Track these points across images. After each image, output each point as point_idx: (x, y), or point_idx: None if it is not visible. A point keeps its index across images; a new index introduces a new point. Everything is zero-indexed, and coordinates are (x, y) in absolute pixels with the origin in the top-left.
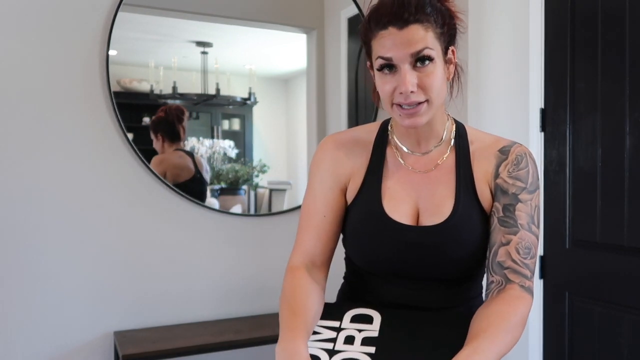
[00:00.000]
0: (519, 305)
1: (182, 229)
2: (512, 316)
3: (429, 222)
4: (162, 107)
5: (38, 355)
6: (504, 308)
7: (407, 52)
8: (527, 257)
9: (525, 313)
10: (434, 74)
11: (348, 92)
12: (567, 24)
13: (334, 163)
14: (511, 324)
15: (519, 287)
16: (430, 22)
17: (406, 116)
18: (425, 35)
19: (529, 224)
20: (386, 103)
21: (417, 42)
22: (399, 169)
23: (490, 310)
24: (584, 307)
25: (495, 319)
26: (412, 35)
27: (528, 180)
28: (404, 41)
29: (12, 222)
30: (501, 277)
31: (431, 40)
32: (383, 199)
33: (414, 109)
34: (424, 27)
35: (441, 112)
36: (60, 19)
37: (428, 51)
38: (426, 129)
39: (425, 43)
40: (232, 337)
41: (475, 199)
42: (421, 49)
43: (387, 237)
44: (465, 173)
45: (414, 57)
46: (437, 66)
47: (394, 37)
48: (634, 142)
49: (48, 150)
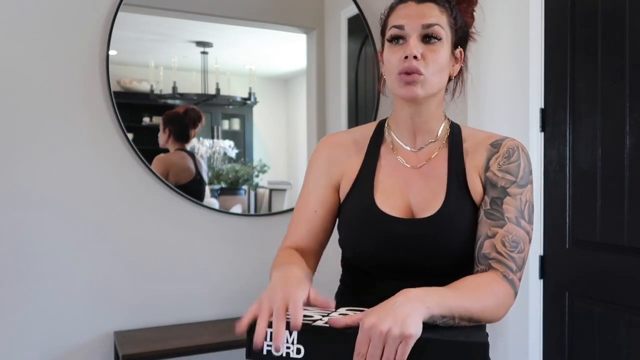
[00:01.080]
0: (494, 284)
1: (182, 229)
2: (484, 284)
3: (420, 216)
4: (183, 106)
5: (38, 355)
6: (475, 277)
7: (419, 22)
8: (514, 250)
9: (500, 296)
10: (439, 52)
11: (348, 92)
12: (567, 24)
13: (328, 162)
14: (480, 288)
15: (501, 275)
16: (446, 9)
17: (405, 84)
18: (440, 15)
19: (518, 218)
20: (390, 74)
21: (431, 17)
22: (393, 165)
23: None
24: (584, 307)
25: (461, 280)
26: (427, 10)
27: (519, 174)
28: (418, 13)
29: (12, 222)
30: (485, 266)
31: (444, 22)
32: (375, 193)
33: (412, 76)
34: (440, 9)
35: (438, 107)
36: (60, 19)
37: (438, 29)
38: (422, 120)
39: (437, 20)
40: (232, 337)
41: (466, 193)
42: (433, 23)
43: (378, 229)
44: (457, 167)
45: (424, 30)
46: (443, 48)
47: (411, 8)
48: (634, 142)
49: (48, 150)
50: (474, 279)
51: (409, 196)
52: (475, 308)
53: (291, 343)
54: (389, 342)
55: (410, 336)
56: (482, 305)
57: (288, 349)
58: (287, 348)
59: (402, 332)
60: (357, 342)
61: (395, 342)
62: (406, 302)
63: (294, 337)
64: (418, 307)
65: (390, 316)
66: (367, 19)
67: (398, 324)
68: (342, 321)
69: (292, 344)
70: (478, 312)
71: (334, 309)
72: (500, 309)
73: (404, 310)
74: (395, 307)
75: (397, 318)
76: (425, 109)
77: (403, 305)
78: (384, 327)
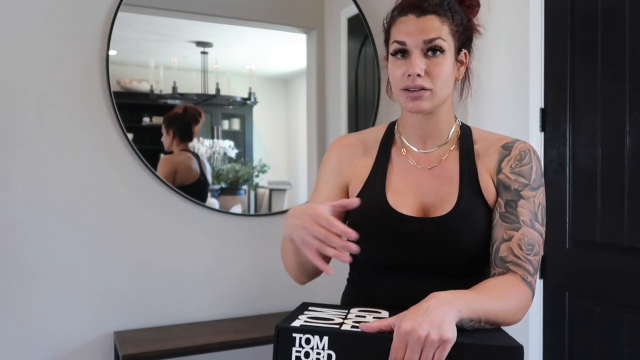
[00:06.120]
0: (515, 287)
1: (182, 229)
2: (506, 287)
3: (433, 215)
4: (180, 105)
5: (38, 355)
6: (496, 280)
7: (421, 38)
8: (530, 253)
9: (521, 299)
10: (442, 65)
11: (348, 92)
12: (567, 24)
13: (338, 162)
14: (503, 292)
15: (520, 278)
16: (447, 17)
17: (410, 99)
18: (441, 27)
19: (532, 221)
20: (395, 87)
21: (432, 31)
22: (404, 166)
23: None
24: (584, 307)
25: (484, 283)
26: (428, 24)
27: (531, 177)
28: (419, 28)
29: (12, 222)
30: (503, 269)
31: (445, 33)
32: (387, 192)
33: (418, 92)
34: (441, 19)
35: (448, 112)
36: (60, 19)
37: (440, 42)
38: (432, 126)
39: (439, 34)
40: (232, 337)
41: (479, 194)
42: (434, 37)
43: (390, 228)
44: (469, 168)
45: (426, 45)
46: (446, 59)
47: (412, 23)
48: (634, 142)
49: (47, 150)
50: (496, 282)
51: (422, 196)
52: (500, 311)
53: (322, 349)
54: (426, 347)
55: (448, 340)
56: (506, 309)
57: (319, 355)
58: (317, 354)
59: (440, 336)
60: (393, 347)
61: (433, 347)
62: (439, 306)
63: (325, 343)
64: (451, 310)
65: (427, 321)
66: (367, 19)
67: (435, 328)
68: (375, 326)
69: (322, 350)
70: (502, 316)
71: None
72: (521, 312)
73: (439, 315)
74: (430, 311)
75: (433, 322)
76: (434, 116)
77: (437, 309)
78: (422, 332)
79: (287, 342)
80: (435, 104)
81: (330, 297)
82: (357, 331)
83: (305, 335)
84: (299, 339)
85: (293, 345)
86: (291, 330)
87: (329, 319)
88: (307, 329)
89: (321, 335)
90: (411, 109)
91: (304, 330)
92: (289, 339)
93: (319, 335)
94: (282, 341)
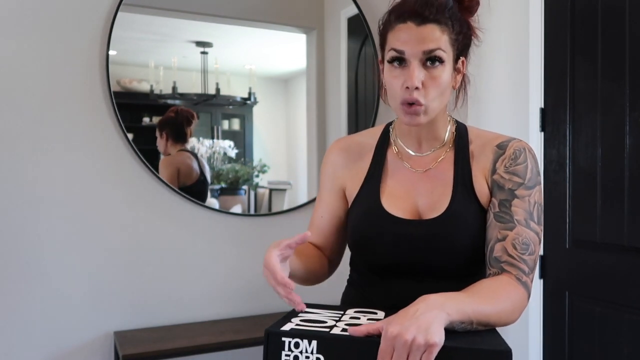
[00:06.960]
0: (509, 288)
1: (182, 229)
2: (500, 288)
3: (426, 217)
4: (172, 107)
5: (38, 355)
6: (489, 281)
7: (420, 48)
8: (525, 252)
9: (516, 299)
10: (440, 77)
11: (348, 92)
12: (567, 23)
13: (333, 167)
14: (496, 293)
15: (514, 278)
16: (448, 26)
17: (408, 114)
18: (441, 36)
19: (527, 220)
20: (392, 99)
21: (432, 42)
22: (399, 168)
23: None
24: (584, 307)
25: (476, 285)
26: (428, 33)
27: (526, 175)
28: (419, 37)
29: (12, 222)
30: (498, 270)
31: (445, 43)
32: (382, 196)
33: (415, 108)
34: (441, 29)
35: (443, 115)
36: (60, 19)
37: (440, 52)
38: (428, 130)
39: (438, 44)
40: (232, 337)
41: (472, 195)
42: (434, 48)
43: (384, 230)
44: (463, 170)
45: (425, 55)
46: (445, 70)
47: (411, 31)
48: (634, 142)
49: (47, 150)
50: (489, 283)
51: (416, 199)
52: (493, 313)
53: (311, 353)
54: (413, 351)
55: (434, 345)
56: (498, 310)
57: (307, 359)
58: (306, 358)
59: (426, 340)
60: (380, 351)
61: (419, 351)
62: (427, 310)
63: (314, 347)
64: (440, 314)
65: (414, 325)
66: (367, 19)
67: (422, 332)
68: (363, 330)
69: (311, 354)
70: (495, 317)
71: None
72: (516, 312)
73: (427, 318)
74: (418, 315)
75: (420, 327)
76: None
77: (425, 313)
78: (408, 336)
79: (276, 346)
80: (430, 117)
81: (331, 298)
82: (346, 335)
83: (295, 340)
84: (288, 342)
85: (282, 349)
86: (280, 334)
87: (321, 322)
88: (296, 333)
89: (310, 339)
90: (409, 122)
91: (293, 335)
92: (278, 343)
93: (308, 339)
94: (272, 345)
